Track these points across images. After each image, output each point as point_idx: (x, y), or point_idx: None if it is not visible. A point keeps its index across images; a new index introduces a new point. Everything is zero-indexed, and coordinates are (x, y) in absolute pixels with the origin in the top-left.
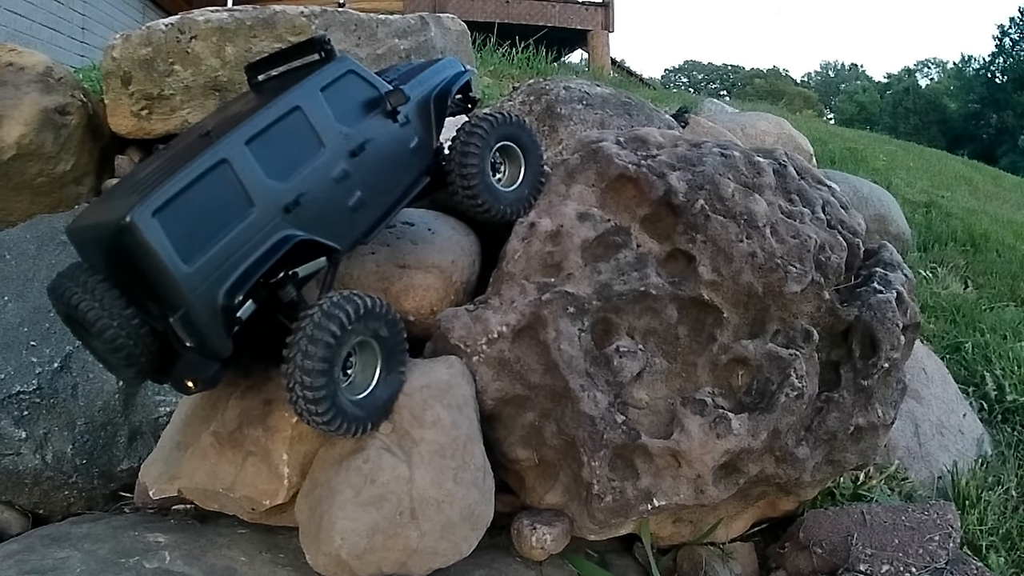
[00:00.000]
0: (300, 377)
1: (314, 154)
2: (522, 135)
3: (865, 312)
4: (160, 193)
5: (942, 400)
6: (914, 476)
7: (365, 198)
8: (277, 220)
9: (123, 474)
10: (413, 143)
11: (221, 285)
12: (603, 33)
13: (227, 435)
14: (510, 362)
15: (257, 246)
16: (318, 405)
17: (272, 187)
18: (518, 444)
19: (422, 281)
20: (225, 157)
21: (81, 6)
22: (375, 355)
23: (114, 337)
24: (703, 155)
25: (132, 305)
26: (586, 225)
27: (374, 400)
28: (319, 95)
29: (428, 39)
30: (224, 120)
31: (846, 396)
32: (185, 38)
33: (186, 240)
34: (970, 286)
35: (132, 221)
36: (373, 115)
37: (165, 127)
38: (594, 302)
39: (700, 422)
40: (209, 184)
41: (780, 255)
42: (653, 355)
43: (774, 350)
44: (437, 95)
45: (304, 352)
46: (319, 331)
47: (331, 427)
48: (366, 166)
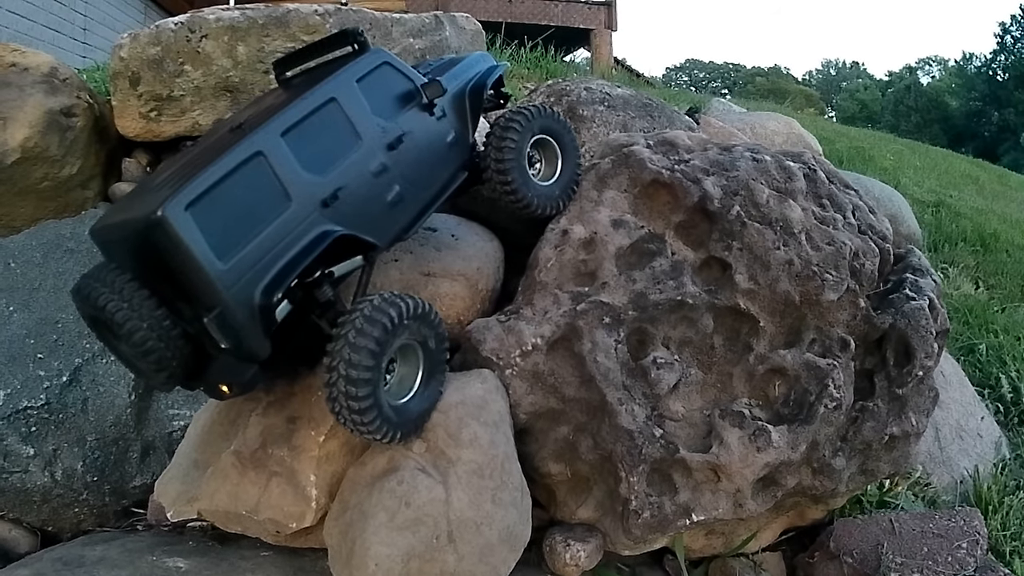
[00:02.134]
0: (345, 387)
1: (351, 147)
2: (559, 128)
3: (899, 320)
4: (193, 186)
5: (960, 403)
6: (936, 481)
7: (404, 193)
8: (315, 215)
9: (136, 491)
10: (450, 137)
11: (258, 282)
12: (606, 32)
13: (249, 455)
14: (544, 375)
15: (295, 242)
16: (364, 415)
17: (309, 180)
18: (550, 458)
19: (448, 290)
20: (260, 149)
21: (83, 7)
22: (417, 363)
23: (144, 339)
24: (735, 159)
25: (163, 306)
26: (620, 232)
27: (415, 407)
28: (355, 87)
29: (443, 38)
30: (256, 114)
31: (880, 405)
32: (195, 37)
33: (221, 235)
34: (981, 286)
35: (164, 215)
36: (409, 108)
37: (175, 129)
38: (630, 312)
39: (740, 435)
40: (244, 177)
41: (816, 262)
42: (688, 366)
43: (812, 360)
44: (472, 89)
45: (348, 360)
46: (363, 337)
47: (377, 434)
48: (404, 160)
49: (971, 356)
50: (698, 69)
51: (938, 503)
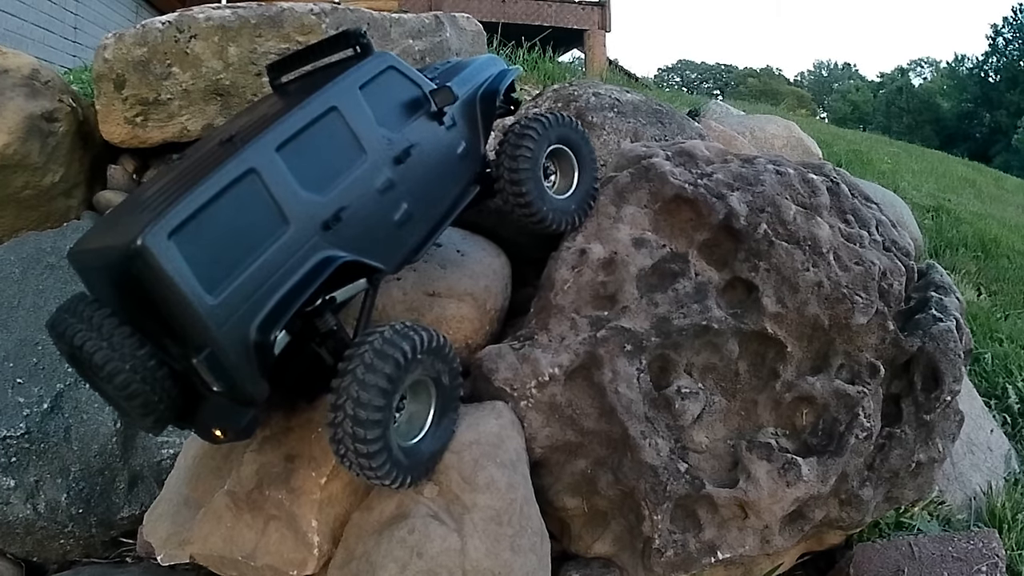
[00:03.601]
0: (352, 428)
1: (355, 162)
2: (576, 138)
3: (928, 343)
4: (177, 211)
5: (969, 416)
6: (950, 499)
7: (412, 211)
8: (315, 239)
9: (124, 521)
10: (460, 148)
11: (253, 318)
12: (600, 33)
13: (244, 496)
14: (562, 407)
15: (293, 270)
16: (373, 459)
17: (308, 200)
18: (566, 492)
19: (455, 311)
20: (253, 166)
21: (73, 5)
22: (429, 400)
23: (127, 382)
24: (759, 173)
25: (147, 344)
26: (642, 252)
27: (426, 448)
28: (358, 94)
29: (443, 40)
30: (249, 124)
31: (908, 432)
32: (184, 37)
33: (209, 266)
34: (983, 293)
35: (144, 245)
36: (417, 117)
37: (162, 135)
38: (652, 338)
39: (768, 468)
40: (235, 198)
41: (846, 284)
42: (712, 393)
43: (841, 387)
44: (484, 94)
45: (356, 400)
46: (373, 374)
47: (386, 479)
48: (412, 175)
49: (977, 366)
50: (690, 70)
51: (953, 522)
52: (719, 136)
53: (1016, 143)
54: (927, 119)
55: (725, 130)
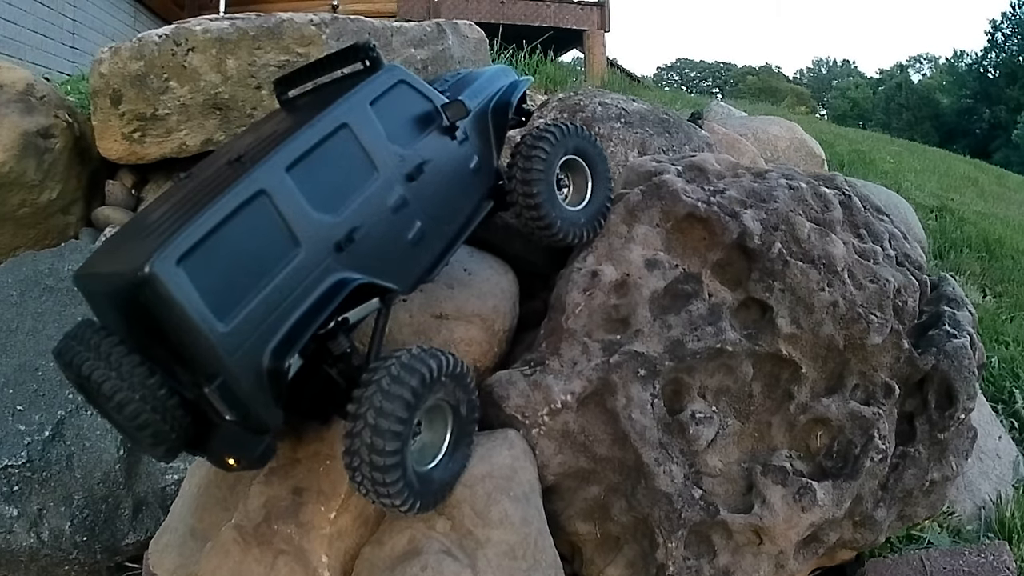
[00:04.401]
0: (370, 439)
1: (367, 180)
2: (591, 151)
3: (942, 361)
4: (186, 235)
5: (978, 423)
6: (960, 509)
7: (426, 229)
8: (328, 261)
9: (129, 547)
10: (473, 163)
11: (266, 344)
12: (599, 33)
13: (252, 529)
14: (575, 434)
15: (307, 294)
16: (387, 474)
17: (321, 221)
18: (578, 518)
19: (464, 334)
20: (263, 187)
21: (71, 11)
22: (445, 429)
23: (137, 413)
24: (772, 188)
25: (156, 372)
26: (655, 274)
27: (439, 477)
28: (368, 110)
29: (445, 48)
30: (257, 143)
31: (922, 451)
32: (181, 51)
33: (220, 292)
34: (988, 295)
35: (153, 272)
36: (429, 132)
37: (160, 151)
38: (666, 362)
39: (783, 493)
40: (245, 221)
41: (861, 303)
42: (725, 416)
43: (856, 409)
44: (496, 107)
45: (379, 410)
46: (398, 386)
47: (396, 501)
48: (425, 192)
49: (983, 370)
50: (689, 68)
51: (963, 533)
52: (723, 139)
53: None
54: (927, 115)
55: (729, 133)
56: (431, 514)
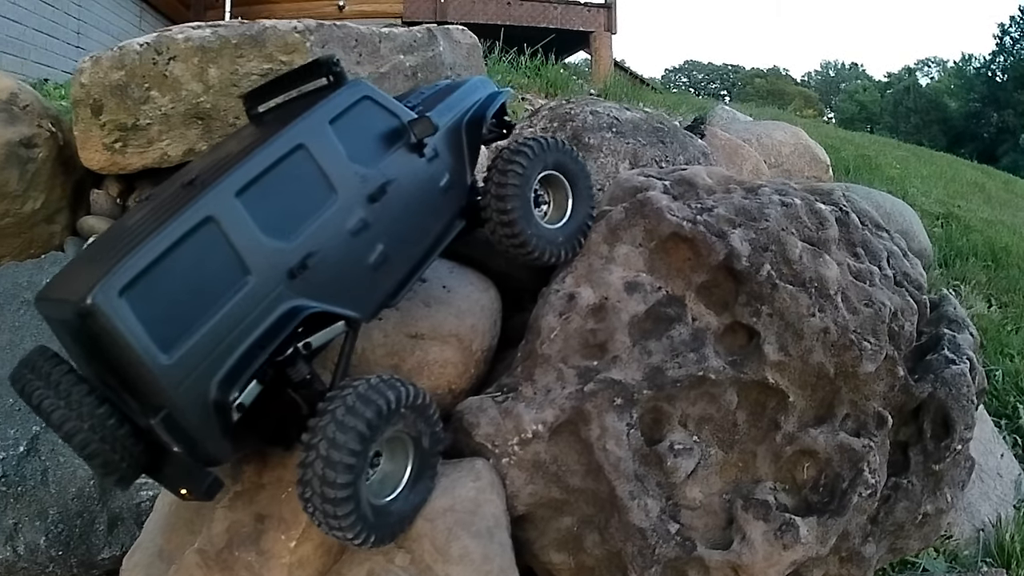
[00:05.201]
0: (322, 470)
1: (324, 203)
2: (572, 166)
3: (939, 389)
4: (128, 266)
5: (980, 441)
6: (958, 532)
7: (389, 252)
8: (280, 289)
9: (105, 562)
10: (443, 181)
11: (212, 376)
12: (606, 35)
13: (215, 555)
14: (546, 464)
15: (256, 323)
16: (339, 506)
17: (272, 248)
18: (552, 547)
19: (439, 355)
20: (211, 214)
21: (76, 11)
22: (406, 461)
23: (86, 442)
24: (763, 205)
25: (106, 401)
26: (635, 297)
27: (397, 509)
28: (327, 129)
29: (436, 54)
30: (214, 163)
31: (915, 483)
32: (162, 59)
33: (164, 323)
34: (994, 304)
35: (94, 304)
36: (395, 150)
37: (142, 161)
38: (644, 391)
39: (764, 529)
40: (191, 249)
41: (854, 328)
42: (708, 445)
43: (846, 441)
44: (469, 121)
45: (331, 440)
46: (353, 417)
47: (349, 534)
48: (389, 213)
49: (983, 395)
50: (697, 70)
51: (960, 558)
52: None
53: None
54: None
55: (731, 138)
56: (391, 547)
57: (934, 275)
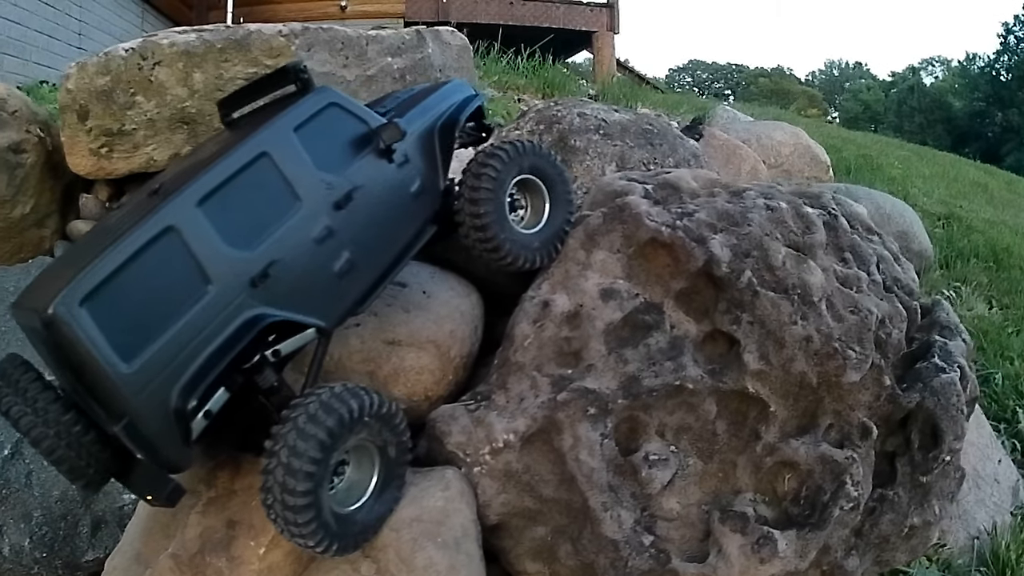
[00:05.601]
0: (283, 478)
1: (287, 211)
2: (544, 165)
3: (928, 398)
4: (91, 275)
5: (977, 446)
6: (952, 540)
7: (356, 259)
8: (242, 298)
9: (89, 564)
10: (414, 186)
11: (173, 384)
12: (608, 35)
13: (188, 559)
14: (518, 473)
15: (217, 332)
16: (299, 514)
17: (234, 257)
18: (527, 556)
19: (415, 362)
20: (172, 224)
21: (77, 12)
22: (372, 470)
23: (52, 448)
24: (747, 209)
25: (72, 408)
26: (611, 305)
27: (362, 518)
28: (292, 136)
29: (425, 56)
30: (182, 172)
31: (902, 494)
32: (147, 65)
33: (125, 332)
34: (995, 306)
35: (55, 313)
36: (363, 156)
37: (128, 166)
38: (619, 400)
39: (741, 542)
40: (152, 259)
41: (838, 336)
42: (686, 455)
43: (828, 453)
44: (443, 126)
45: (292, 448)
46: (314, 425)
47: (310, 542)
48: (356, 220)
49: (986, 386)
50: (701, 70)
51: (953, 567)
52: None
53: None
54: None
55: (729, 139)
56: (357, 556)
57: (934, 276)
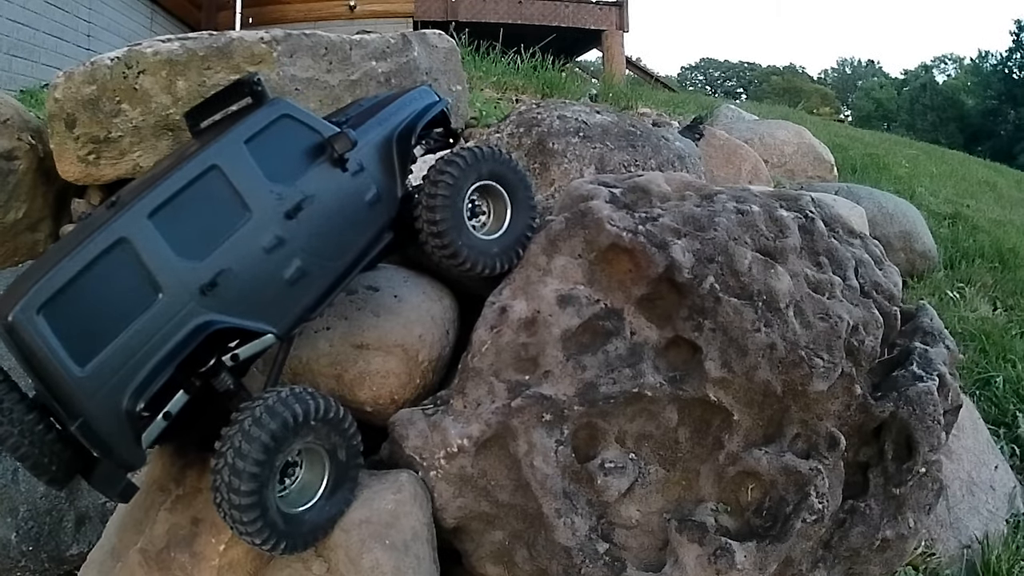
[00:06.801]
0: (228, 477)
1: (237, 221)
2: (505, 171)
3: (902, 408)
4: (46, 285)
5: (973, 452)
6: (942, 549)
7: (307, 267)
8: (191, 305)
9: (74, 558)
10: (370, 194)
11: (124, 388)
12: (618, 33)
13: (155, 554)
14: (474, 478)
15: (167, 338)
16: (244, 512)
17: (183, 267)
18: (488, 560)
19: (381, 366)
20: (124, 235)
21: (86, 13)
22: (323, 472)
23: (16, 446)
24: (715, 214)
25: (36, 409)
26: (568, 312)
27: (311, 519)
28: (242, 148)
29: (410, 60)
30: (140, 184)
31: (874, 507)
32: (132, 73)
33: (79, 338)
34: (999, 307)
35: (14, 321)
36: (316, 166)
37: (115, 172)
38: (575, 407)
39: (698, 553)
40: (104, 269)
41: (805, 344)
42: (648, 463)
43: (791, 463)
44: (400, 134)
45: (237, 450)
46: (258, 428)
47: (256, 540)
48: (307, 229)
49: (986, 389)
50: (713, 68)
51: None
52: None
53: None
54: (951, 116)
55: (730, 139)
56: (311, 555)
57: (938, 277)
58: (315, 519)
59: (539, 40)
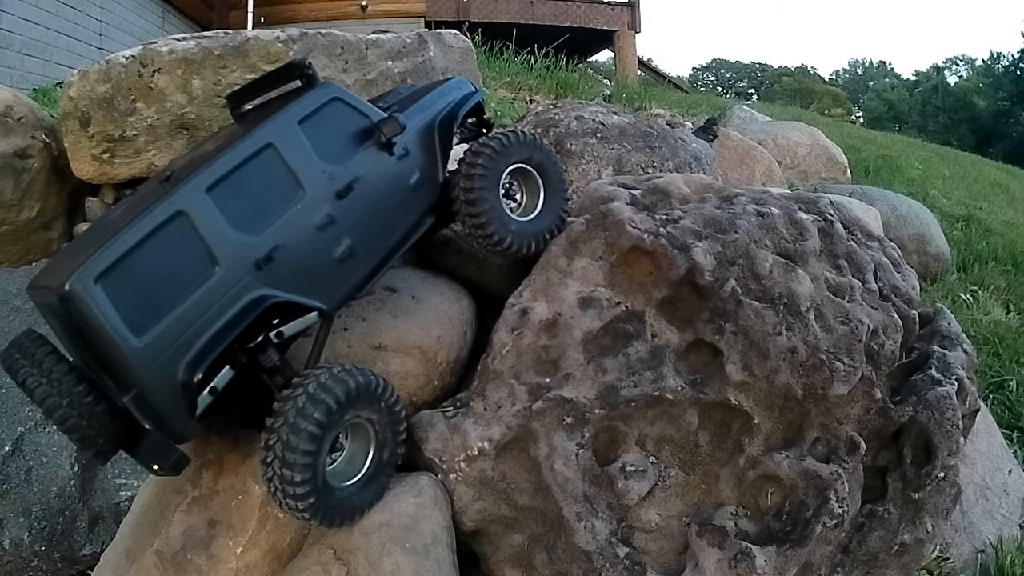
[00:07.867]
0: (282, 452)
1: (291, 199)
2: (539, 156)
3: (921, 412)
4: (105, 255)
5: (987, 456)
6: (955, 553)
7: (355, 246)
8: (247, 279)
9: (87, 557)
10: (414, 178)
11: (180, 359)
12: (629, 34)
13: (171, 556)
14: (494, 481)
15: (223, 311)
16: (300, 500)
17: (240, 241)
18: (507, 564)
19: (399, 367)
20: (182, 208)
21: (99, 13)
22: (368, 442)
23: (65, 417)
24: (735, 216)
25: (85, 380)
26: (589, 314)
27: (351, 497)
28: (296, 129)
29: (426, 60)
30: (192, 161)
31: (892, 511)
32: (147, 72)
33: (137, 308)
34: (1012, 311)
35: (72, 289)
36: (364, 149)
37: (130, 171)
38: (596, 410)
39: (718, 557)
40: (163, 241)
41: (826, 347)
42: (668, 466)
43: (812, 468)
44: (442, 121)
45: (286, 442)
46: (303, 418)
47: (313, 519)
48: (356, 209)
49: (1000, 393)
50: (725, 69)
51: None
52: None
53: None
54: (963, 118)
55: (743, 140)
56: (329, 558)
57: (951, 280)
58: (360, 499)
59: (551, 40)
